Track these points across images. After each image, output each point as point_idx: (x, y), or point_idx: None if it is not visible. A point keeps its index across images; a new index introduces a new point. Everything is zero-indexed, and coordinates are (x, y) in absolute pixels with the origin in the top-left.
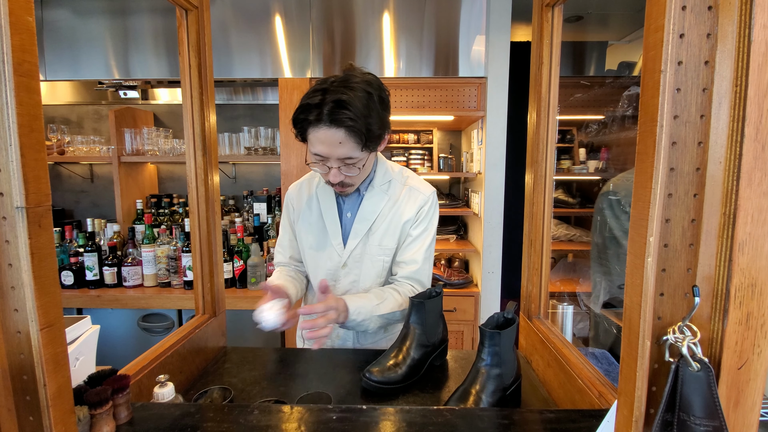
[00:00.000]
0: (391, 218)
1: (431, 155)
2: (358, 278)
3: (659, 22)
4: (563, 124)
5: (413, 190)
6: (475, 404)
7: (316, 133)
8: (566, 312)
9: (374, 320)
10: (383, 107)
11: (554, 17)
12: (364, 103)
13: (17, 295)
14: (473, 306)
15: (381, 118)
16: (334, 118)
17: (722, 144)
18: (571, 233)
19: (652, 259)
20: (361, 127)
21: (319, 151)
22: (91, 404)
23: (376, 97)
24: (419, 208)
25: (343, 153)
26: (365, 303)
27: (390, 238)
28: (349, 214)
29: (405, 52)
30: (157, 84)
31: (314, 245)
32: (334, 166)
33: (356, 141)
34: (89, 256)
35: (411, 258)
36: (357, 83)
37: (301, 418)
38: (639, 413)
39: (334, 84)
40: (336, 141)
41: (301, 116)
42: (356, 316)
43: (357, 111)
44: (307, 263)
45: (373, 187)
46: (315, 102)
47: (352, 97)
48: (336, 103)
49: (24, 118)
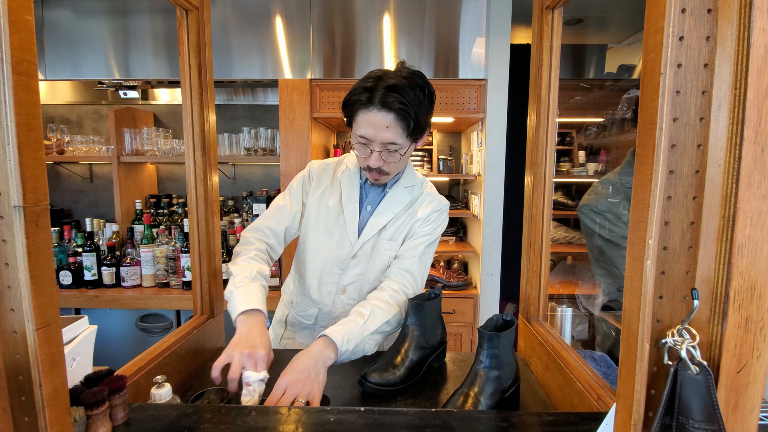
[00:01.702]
0: (406, 217)
1: (431, 157)
2: (365, 271)
3: (659, 24)
4: (563, 126)
5: (430, 195)
6: (474, 407)
7: (365, 115)
8: (565, 314)
9: (368, 341)
10: (430, 103)
11: (554, 20)
12: (416, 93)
13: (13, 295)
14: (472, 308)
15: (427, 112)
16: (385, 101)
17: (721, 147)
18: (570, 235)
19: (651, 261)
20: (410, 113)
21: (365, 133)
22: (87, 405)
23: (426, 90)
24: (432, 211)
25: (388, 137)
26: (351, 328)
27: (400, 235)
28: (369, 207)
29: (405, 53)
30: (157, 84)
31: (326, 230)
32: (376, 150)
33: (403, 127)
34: (88, 256)
35: (410, 251)
36: (411, 74)
37: (299, 419)
38: (638, 416)
39: (388, 73)
40: (383, 125)
41: (354, 97)
42: (347, 346)
43: (408, 98)
44: (312, 247)
45: (398, 185)
46: (368, 85)
47: (406, 85)
48: (389, 88)
49: (22, 117)
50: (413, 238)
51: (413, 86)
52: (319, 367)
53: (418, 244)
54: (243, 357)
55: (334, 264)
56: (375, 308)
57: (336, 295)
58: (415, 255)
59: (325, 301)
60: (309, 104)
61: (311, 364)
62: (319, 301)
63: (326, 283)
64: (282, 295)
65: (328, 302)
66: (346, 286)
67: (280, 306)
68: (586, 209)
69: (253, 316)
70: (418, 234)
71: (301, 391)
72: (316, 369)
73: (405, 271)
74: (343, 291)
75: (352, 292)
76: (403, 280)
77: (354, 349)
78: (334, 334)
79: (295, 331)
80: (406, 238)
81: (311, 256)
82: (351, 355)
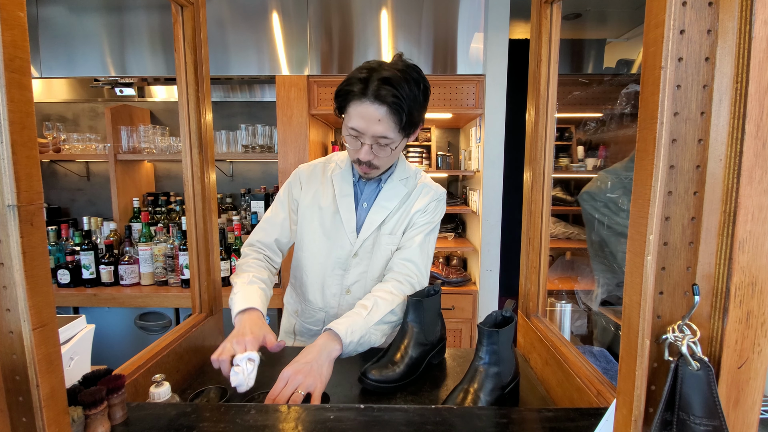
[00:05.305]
0: (404, 210)
1: (429, 153)
2: (367, 269)
3: (659, 18)
4: (561, 121)
5: (426, 186)
6: (473, 403)
7: (358, 107)
8: (564, 310)
9: (373, 331)
10: (424, 98)
11: (553, 14)
12: (411, 87)
13: (9, 295)
14: (471, 304)
15: (421, 107)
16: (378, 94)
17: (722, 141)
18: (569, 231)
19: (652, 257)
20: (403, 107)
21: (356, 125)
22: (85, 404)
23: (421, 85)
24: (430, 201)
25: (379, 131)
26: (354, 320)
27: (400, 228)
28: (365, 204)
29: (403, 49)
30: (153, 81)
31: (323, 232)
32: (367, 143)
33: (395, 121)
34: (85, 254)
35: (410, 241)
36: (407, 67)
37: (299, 417)
38: (638, 412)
39: (384, 65)
40: (375, 117)
41: (347, 88)
42: (352, 337)
43: (403, 91)
44: (310, 250)
45: (392, 179)
46: (362, 76)
47: (401, 78)
48: (383, 80)
49: (15, 115)
50: (413, 228)
51: (408, 80)
52: (322, 360)
53: (418, 233)
54: (233, 344)
55: (336, 265)
56: (378, 299)
57: (341, 296)
58: (416, 244)
59: (330, 303)
60: (306, 101)
61: (314, 357)
62: (325, 305)
63: (330, 286)
64: (285, 305)
65: (334, 304)
66: (350, 286)
67: (285, 317)
68: (586, 196)
69: (248, 313)
70: (417, 224)
71: (302, 383)
72: (319, 362)
73: (407, 261)
74: (347, 291)
75: (357, 291)
76: (406, 270)
77: (359, 340)
78: (337, 327)
79: (305, 339)
80: (407, 229)
81: (310, 261)
82: (357, 347)
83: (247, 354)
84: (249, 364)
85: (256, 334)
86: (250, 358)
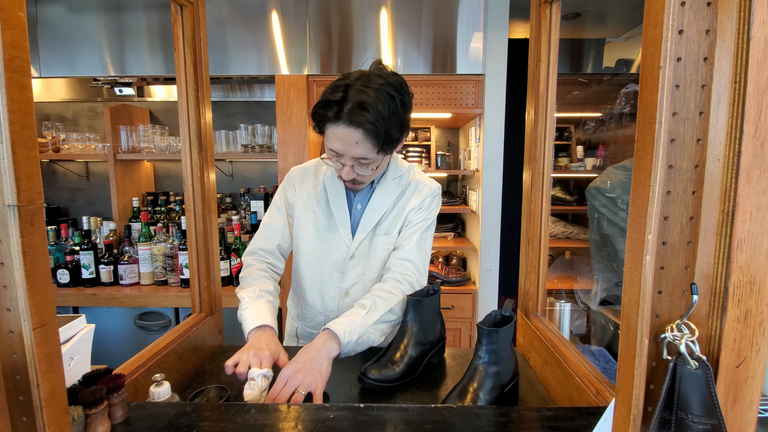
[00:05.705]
0: (399, 209)
1: (429, 153)
2: (365, 270)
3: (658, 18)
4: (561, 121)
5: (420, 183)
6: (473, 402)
7: (334, 131)
8: (564, 309)
9: (372, 331)
10: (404, 110)
11: (552, 14)
12: (386, 107)
13: (9, 295)
14: (471, 303)
15: (401, 122)
16: (353, 119)
17: (721, 141)
18: (568, 230)
19: (651, 256)
20: (379, 130)
21: (334, 148)
22: (85, 404)
23: (398, 101)
24: (425, 197)
25: (358, 153)
26: (353, 319)
27: (395, 227)
28: (359, 205)
29: (402, 49)
30: (152, 81)
31: (319, 235)
32: (347, 164)
33: (373, 143)
34: (85, 254)
35: (407, 240)
36: (381, 85)
37: (298, 416)
38: (637, 411)
39: (358, 81)
40: (353, 141)
41: (321, 111)
42: (350, 337)
43: (377, 114)
44: (306, 254)
45: (385, 180)
46: (336, 99)
47: (375, 99)
48: (357, 104)
49: (15, 115)
50: (409, 227)
51: (383, 100)
52: (321, 359)
53: (415, 231)
54: (250, 356)
55: (333, 268)
56: (377, 299)
57: (340, 299)
58: (413, 243)
59: (330, 307)
60: (306, 100)
61: (313, 356)
62: (324, 308)
63: (328, 289)
64: (288, 309)
65: (334, 308)
66: (348, 288)
67: (288, 321)
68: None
69: (262, 330)
70: (413, 222)
71: (302, 382)
72: (318, 361)
73: (405, 261)
74: (346, 294)
75: (356, 293)
76: (404, 270)
77: (358, 340)
78: (336, 327)
79: (308, 342)
80: (402, 228)
81: (308, 265)
82: (356, 347)
83: (264, 371)
84: (264, 380)
85: (272, 351)
86: (266, 375)
